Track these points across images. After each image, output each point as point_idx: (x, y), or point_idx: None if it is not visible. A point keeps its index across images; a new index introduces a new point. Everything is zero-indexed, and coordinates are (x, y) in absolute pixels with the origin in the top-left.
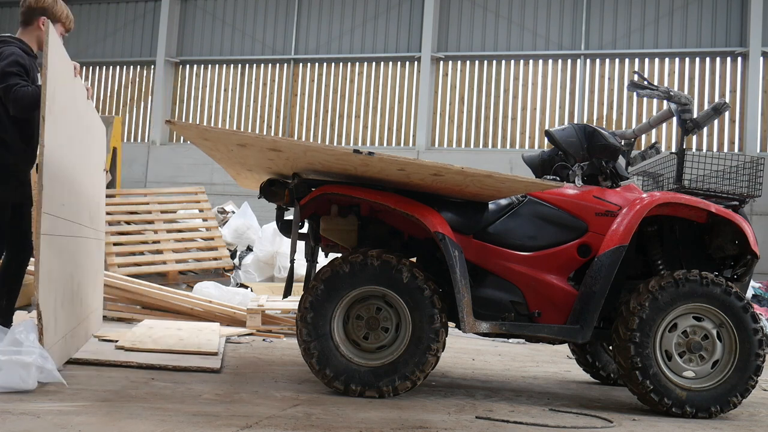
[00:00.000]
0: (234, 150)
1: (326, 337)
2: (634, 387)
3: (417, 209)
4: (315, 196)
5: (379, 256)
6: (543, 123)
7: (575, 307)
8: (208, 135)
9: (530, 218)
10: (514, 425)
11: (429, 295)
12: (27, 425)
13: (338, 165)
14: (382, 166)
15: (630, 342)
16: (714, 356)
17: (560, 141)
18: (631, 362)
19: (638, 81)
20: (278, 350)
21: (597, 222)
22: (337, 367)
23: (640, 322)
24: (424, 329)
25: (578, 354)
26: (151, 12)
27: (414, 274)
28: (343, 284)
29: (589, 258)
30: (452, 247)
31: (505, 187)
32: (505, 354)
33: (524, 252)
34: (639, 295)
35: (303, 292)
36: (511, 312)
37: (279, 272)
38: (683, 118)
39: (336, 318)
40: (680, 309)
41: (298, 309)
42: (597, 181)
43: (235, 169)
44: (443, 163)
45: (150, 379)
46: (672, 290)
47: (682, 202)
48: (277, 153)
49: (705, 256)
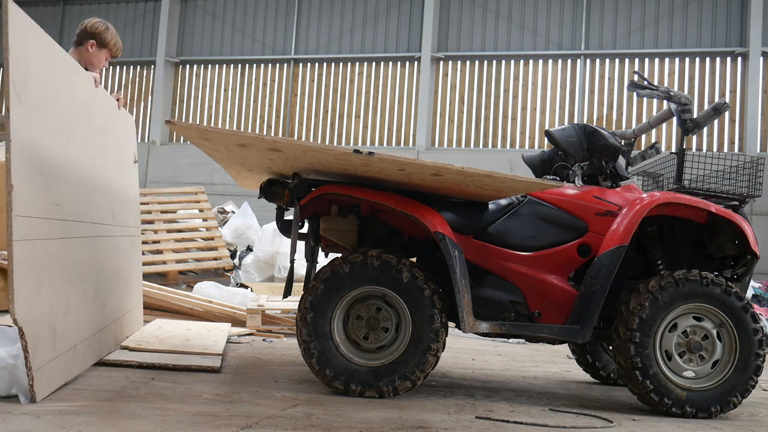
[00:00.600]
0: (234, 150)
1: (326, 337)
2: (634, 387)
3: (417, 209)
4: (315, 196)
5: (379, 256)
6: (543, 123)
7: (575, 307)
8: (208, 135)
9: (530, 218)
10: (514, 425)
11: (429, 295)
12: (27, 425)
13: (338, 165)
14: (382, 166)
15: (630, 342)
16: (714, 356)
17: (560, 141)
18: (631, 362)
19: (638, 81)
20: (278, 350)
21: (597, 222)
22: (337, 367)
23: (640, 321)
24: (424, 329)
25: (578, 354)
26: (151, 12)
27: (414, 274)
28: (344, 284)
29: (589, 258)
30: (452, 247)
31: (504, 186)
32: (505, 354)
33: (524, 252)
34: (639, 295)
35: (303, 292)
36: (511, 312)
37: (279, 272)
38: (683, 118)
39: (336, 318)
40: (680, 309)
41: (298, 309)
42: (597, 181)
43: (236, 169)
44: (443, 163)
45: (150, 379)
46: (672, 290)
47: (682, 202)
48: (277, 153)
49: (705, 256)
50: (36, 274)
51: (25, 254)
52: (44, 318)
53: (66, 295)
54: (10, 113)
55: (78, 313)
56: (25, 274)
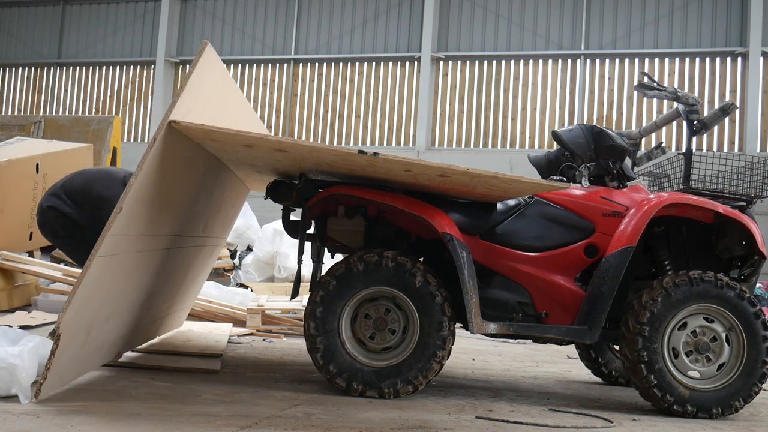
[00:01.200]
0: (241, 151)
1: (333, 333)
2: (638, 380)
3: (425, 210)
4: (322, 197)
5: (394, 257)
6: (543, 123)
7: (583, 307)
8: (214, 136)
9: (537, 219)
10: (514, 425)
11: (440, 302)
12: (27, 425)
13: (344, 165)
14: (388, 167)
15: (638, 335)
16: (721, 359)
17: (567, 142)
18: (637, 355)
19: (648, 83)
20: (278, 350)
21: (604, 222)
22: (341, 364)
23: (650, 316)
24: (431, 335)
25: (582, 349)
26: (151, 12)
27: (427, 280)
28: (356, 282)
29: (596, 258)
30: (460, 248)
31: (511, 188)
32: (505, 354)
33: (531, 252)
34: (652, 290)
35: (310, 291)
36: (518, 313)
37: (279, 272)
38: (691, 119)
39: (345, 315)
40: (692, 308)
41: (308, 302)
42: (603, 182)
43: (244, 170)
44: (449, 164)
45: (150, 379)
46: (686, 288)
47: (689, 203)
48: (284, 153)
49: (712, 256)
50: (97, 284)
51: (101, 269)
52: (85, 323)
53: (117, 302)
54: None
55: (121, 318)
56: (89, 286)
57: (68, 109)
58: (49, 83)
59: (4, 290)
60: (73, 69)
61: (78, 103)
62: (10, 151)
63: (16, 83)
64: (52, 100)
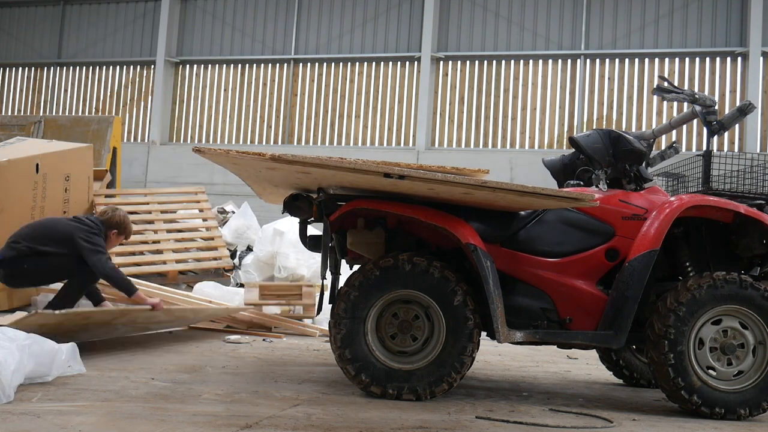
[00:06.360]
0: (262, 171)
1: (359, 335)
2: (665, 383)
3: (448, 221)
4: (345, 212)
5: (410, 259)
6: (543, 123)
7: (607, 312)
8: (238, 161)
9: (557, 224)
10: (514, 425)
11: (471, 325)
12: (27, 425)
13: (366, 183)
14: (411, 186)
15: (665, 338)
16: (744, 364)
17: (586, 147)
18: (664, 358)
19: (668, 86)
20: (278, 350)
21: (624, 226)
22: (371, 371)
23: (675, 318)
24: (458, 334)
25: (603, 352)
26: (151, 12)
27: (466, 301)
28: (388, 284)
29: (617, 262)
30: (484, 257)
31: (537, 202)
32: (505, 354)
33: (552, 258)
34: (677, 293)
35: (331, 302)
36: (542, 319)
37: (279, 272)
38: (709, 120)
39: (370, 318)
40: (718, 310)
41: (331, 315)
42: (620, 185)
43: (261, 185)
44: (473, 179)
45: (150, 379)
46: (711, 290)
47: (710, 204)
48: (306, 174)
49: (731, 255)
50: None
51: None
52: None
53: None
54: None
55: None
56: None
57: (68, 109)
58: (49, 83)
59: (4, 290)
60: (73, 69)
61: (78, 103)
62: (10, 151)
63: (16, 83)
64: (52, 100)
